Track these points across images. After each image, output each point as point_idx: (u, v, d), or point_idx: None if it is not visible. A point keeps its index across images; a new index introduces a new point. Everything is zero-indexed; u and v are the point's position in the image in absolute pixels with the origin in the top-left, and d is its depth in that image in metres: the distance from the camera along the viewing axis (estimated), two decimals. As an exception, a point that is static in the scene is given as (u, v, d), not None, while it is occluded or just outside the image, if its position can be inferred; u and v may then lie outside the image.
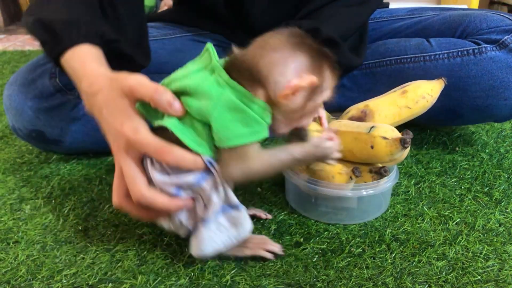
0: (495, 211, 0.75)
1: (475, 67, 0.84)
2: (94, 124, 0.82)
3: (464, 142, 0.99)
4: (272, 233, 0.71)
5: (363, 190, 0.69)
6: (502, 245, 0.67)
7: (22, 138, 0.90)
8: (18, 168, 0.93)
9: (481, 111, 0.87)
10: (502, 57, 0.84)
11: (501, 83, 0.83)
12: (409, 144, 0.66)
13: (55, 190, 0.84)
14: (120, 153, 0.58)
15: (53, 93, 0.84)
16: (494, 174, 0.86)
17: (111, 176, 0.88)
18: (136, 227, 0.73)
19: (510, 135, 1.02)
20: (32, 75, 0.86)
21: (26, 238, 0.71)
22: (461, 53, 0.86)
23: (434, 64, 0.87)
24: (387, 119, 0.75)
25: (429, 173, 0.87)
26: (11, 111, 0.87)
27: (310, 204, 0.75)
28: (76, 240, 0.70)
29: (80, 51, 0.65)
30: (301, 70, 0.54)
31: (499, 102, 0.85)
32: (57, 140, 0.88)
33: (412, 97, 0.77)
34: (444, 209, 0.76)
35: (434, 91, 0.78)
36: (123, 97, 0.57)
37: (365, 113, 0.76)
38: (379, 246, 0.67)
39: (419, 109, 0.77)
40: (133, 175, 0.57)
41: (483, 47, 0.84)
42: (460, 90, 0.86)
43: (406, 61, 0.90)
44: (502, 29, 0.86)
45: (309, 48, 0.55)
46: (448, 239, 0.69)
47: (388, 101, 0.77)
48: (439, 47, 0.88)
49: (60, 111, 0.85)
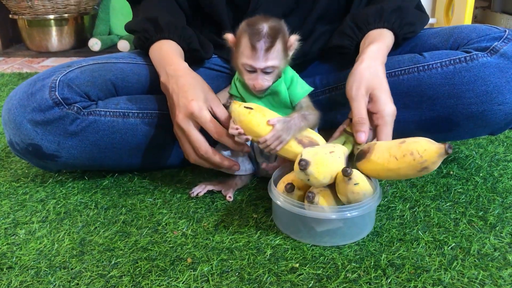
0: (490, 235, 0.76)
1: (467, 73, 0.85)
2: (91, 140, 0.87)
3: (458, 166, 1.00)
4: (267, 258, 0.71)
5: (347, 212, 0.70)
6: (497, 270, 0.67)
7: (19, 152, 0.90)
8: (13, 191, 0.93)
9: (476, 118, 0.87)
10: (494, 63, 0.84)
11: (494, 88, 0.84)
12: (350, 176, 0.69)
13: (50, 214, 0.84)
14: (186, 121, 0.81)
15: (52, 106, 0.84)
16: (489, 198, 0.87)
17: (107, 200, 0.88)
18: (132, 252, 0.72)
19: (504, 159, 1.03)
20: (31, 89, 0.86)
21: (20, 264, 0.70)
22: (454, 61, 0.86)
23: (428, 74, 0.88)
24: (379, 161, 0.73)
25: (423, 197, 0.88)
26: (9, 125, 0.87)
27: (296, 226, 0.75)
28: (71, 265, 0.70)
29: (170, 46, 0.92)
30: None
31: (494, 107, 0.85)
32: (54, 155, 0.88)
33: (403, 148, 0.70)
34: (439, 234, 0.76)
35: (427, 153, 0.67)
36: (202, 89, 0.83)
37: (369, 148, 0.76)
38: (374, 271, 0.67)
39: (404, 164, 0.69)
40: (198, 138, 0.82)
41: (474, 54, 0.85)
42: (454, 97, 0.86)
43: (400, 73, 0.90)
44: (491, 37, 0.87)
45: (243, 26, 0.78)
46: (443, 264, 0.69)
47: (388, 145, 0.73)
48: (432, 58, 0.89)
49: (58, 125, 0.85)
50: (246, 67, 0.78)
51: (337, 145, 0.77)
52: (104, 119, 0.88)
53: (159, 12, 0.96)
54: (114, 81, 0.92)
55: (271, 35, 0.76)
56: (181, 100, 0.82)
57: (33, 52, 2.34)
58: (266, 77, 0.79)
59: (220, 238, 0.76)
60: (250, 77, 0.79)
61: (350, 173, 0.69)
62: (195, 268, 0.69)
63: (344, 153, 0.75)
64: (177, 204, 0.87)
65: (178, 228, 0.79)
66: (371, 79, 0.80)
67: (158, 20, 0.94)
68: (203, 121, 0.80)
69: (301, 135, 0.79)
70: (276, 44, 0.77)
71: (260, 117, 0.78)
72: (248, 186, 0.93)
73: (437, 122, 0.90)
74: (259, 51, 0.76)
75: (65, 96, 0.85)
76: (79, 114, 0.85)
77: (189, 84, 0.83)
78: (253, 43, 0.76)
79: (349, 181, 0.69)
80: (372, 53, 0.84)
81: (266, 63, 0.77)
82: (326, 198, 0.73)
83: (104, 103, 0.89)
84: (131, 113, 0.90)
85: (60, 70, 0.89)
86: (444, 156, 0.66)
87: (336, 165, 0.71)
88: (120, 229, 0.79)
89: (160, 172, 0.99)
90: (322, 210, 0.72)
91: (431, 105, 0.88)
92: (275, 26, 0.77)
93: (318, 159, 0.70)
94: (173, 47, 0.92)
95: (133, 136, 0.90)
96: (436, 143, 0.67)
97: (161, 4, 0.99)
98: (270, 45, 0.76)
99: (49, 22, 2.25)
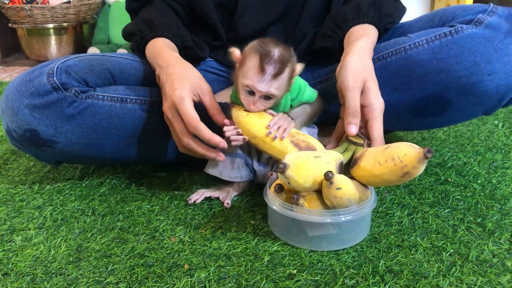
0: (488, 242, 0.75)
1: (454, 46, 0.85)
2: (88, 124, 0.87)
3: (456, 173, 1.00)
4: (265, 265, 0.70)
5: (341, 216, 0.70)
6: (496, 277, 0.67)
7: (16, 141, 0.90)
8: (10, 198, 0.92)
9: (467, 92, 0.86)
10: (479, 33, 0.84)
11: (482, 57, 0.83)
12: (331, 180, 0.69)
13: (47, 221, 0.83)
14: (170, 111, 0.81)
15: (50, 91, 0.84)
16: (487, 205, 0.87)
17: (104, 207, 0.88)
18: (128, 259, 0.72)
19: (502, 166, 1.03)
20: (30, 76, 0.87)
21: (16, 270, 0.70)
22: (439, 36, 0.86)
23: (415, 52, 0.87)
24: (367, 167, 0.72)
25: (422, 203, 0.87)
26: (6, 112, 0.87)
27: (290, 230, 0.75)
28: (67, 271, 0.69)
29: (164, 42, 0.95)
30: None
31: (484, 78, 0.84)
32: (51, 140, 0.87)
33: (386, 154, 0.70)
34: (438, 240, 0.76)
35: (407, 158, 0.66)
36: (190, 77, 0.83)
37: (361, 155, 0.75)
38: (373, 277, 0.67)
39: (386, 170, 0.69)
40: (181, 126, 0.81)
41: (459, 26, 0.85)
42: (444, 72, 0.86)
43: (388, 55, 0.90)
44: (476, 10, 0.87)
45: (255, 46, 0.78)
46: (442, 270, 0.68)
47: (375, 151, 0.73)
48: (417, 37, 0.89)
49: (55, 108, 0.85)
50: (245, 88, 0.78)
51: (330, 151, 0.77)
52: (102, 103, 0.87)
53: (154, 14, 0.99)
54: (112, 71, 0.93)
55: (282, 61, 0.76)
56: (167, 89, 0.82)
57: (32, 61, 2.35)
58: (264, 103, 0.79)
59: (217, 245, 0.75)
60: (247, 98, 0.79)
61: (331, 177, 0.68)
62: (192, 274, 0.68)
63: (336, 159, 0.74)
64: (174, 210, 0.86)
65: (175, 235, 0.79)
66: (364, 70, 0.81)
67: (153, 20, 0.96)
68: (181, 111, 0.79)
69: (298, 139, 0.79)
70: (284, 72, 0.76)
71: (257, 119, 0.80)
72: (245, 192, 0.92)
73: (428, 102, 0.89)
74: (266, 74, 0.75)
75: (63, 81, 0.85)
76: (77, 98, 0.85)
77: (177, 73, 0.83)
78: (263, 65, 0.75)
79: (330, 185, 0.68)
80: (360, 47, 0.85)
81: (269, 89, 0.77)
82: (312, 201, 0.73)
83: (102, 89, 0.89)
84: (129, 99, 0.90)
85: (59, 59, 0.89)
86: (424, 161, 0.65)
87: (322, 170, 0.70)
88: (117, 236, 0.79)
89: (157, 179, 0.99)
90: (308, 212, 0.72)
91: (421, 84, 0.88)
92: (286, 53, 0.77)
93: (298, 163, 0.70)
94: (166, 43, 0.95)
95: (131, 122, 0.90)
96: (417, 148, 0.67)
97: (158, 10, 1.01)
98: (279, 72, 0.76)
99: (48, 31, 2.26)
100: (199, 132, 0.79)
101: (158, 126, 0.91)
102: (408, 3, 2.23)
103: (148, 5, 1.03)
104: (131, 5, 1.06)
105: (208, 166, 0.89)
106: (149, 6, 1.03)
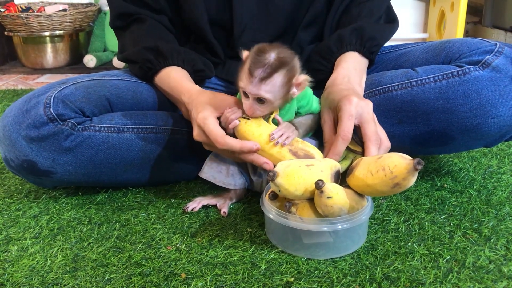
0: (484, 248, 0.76)
1: (461, 87, 0.86)
2: (86, 155, 0.88)
3: (452, 179, 1.00)
4: (262, 273, 0.70)
5: (338, 224, 0.70)
6: (493, 283, 0.67)
7: (14, 169, 0.90)
8: (6, 207, 0.92)
9: (471, 131, 0.87)
10: (486, 76, 0.85)
11: (487, 101, 0.85)
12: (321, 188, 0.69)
13: (43, 230, 0.83)
14: (200, 136, 0.83)
15: (46, 122, 0.84)
16: (483, 211, 0.87)
17: (100, 216, 0.88)
18: (125, 268, 0.72)
19: (497, 171, 1.04)
20: (26, 106, 0.86)
21: (12, 281, 0.70)
22: (446, 75, 0.87)
23: (421, 89, 0.88)
24: (360, 176, 0.72)
25: (418, 210, 0.88)
26: (4, 142, 0.87)
27: (288, 239, 0.75)
28: (64, 281, 0.69)
29: (176, 71, 0.95)
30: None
31: (488, 120, 0.86)
32: (49, 171, 0.87)
33: (377, 164, 0.70)
34: (434, 246, 0.76)
35: (397, 169, 0.66)
36: (210, 99, 0.85)
37: (356, 164, 0.75)
38: (370, 285, 0.67)
39: (378, 180, 0.69)
40: (213, 135, 0.79)
41: (466, 68, 0.86)
42: (449, 111, 0.87)
43: (394, 88, 0.91)
44: (483, 51, 0.88)
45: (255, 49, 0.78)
46: (438, 277, 0.69)
47: (369, 160, 0.73)
48: (425, 73, 0.89)
49: (52, 141, 0.85)
50: (242, 90, 0.79)
51: (327, 159, 0.77)
52: (99, 135, 0.88)
53: (154, 39, 0.97)
54: (109, 97, 0.93)
55: (272, 66, 0.75)
56: (193, 115, 0.84)
57: (28, 69, 2.34)
58: (259, 107, 0.79)
59: (214, 253, 0.75)
60: (244, 100, 0.80)
61: (321, 186, 0.68)
62: (189, 283, 0.68)
63: (332, 167, 0.75)
64: (171, 219, 0.86)
65: (172, 243, 0.78)
66: (347, 90, 0.84)
67: (159, 48, 0.95)
68: (206, 132, 0.81)
69: (297, 147, 0.80)
70: (275, 77, 0.76)
71: (255, 127, 0.80)
72: (242, 200, 0.92)
73: (432, 137, 0.90)
74: (254, 78, 0.76)
75: (59, 112, 0.85)
76: (74, 130, 0.85)
77: (200, 102, 0.85)
78: (250, 68, 0.76)
79: (321, 194, 0.68)
80: (345, 69, 0.91)
81: (259, 91, 0.76)
82: (304, 209, 0.73)
83: (98, 119, 0.89)
84: (125, 128, 0.90)
85: (55, 87, 0.89)
86: (414, 172, 0.65)
87: (315, 178, 0.70)
88: (113, 245, 0.78)
89: (154, 187, 0.99)
90: (301, 220, 0.72)
91: (425, 120, 0.88)
92: (281, 59, 0.76)
93: (289, 171, 0.70)
94: (179, 73, 0.95)
95: (128, 151, 0.90)
96: (407, 159, 0.66)
97: (152, 30, 0.99)
98: (267, 76, 0.75)
99: (44, 39, 2.26)
100: (228, 146, 0.79)
101: (155, 153, 0.93)
102: (402, 8, 2.26)
103: (138, 23, 1.01)
104: (115, 23, 1.03)
105: (203, 171, 0.88)
106: (140, 25, 1.00)
